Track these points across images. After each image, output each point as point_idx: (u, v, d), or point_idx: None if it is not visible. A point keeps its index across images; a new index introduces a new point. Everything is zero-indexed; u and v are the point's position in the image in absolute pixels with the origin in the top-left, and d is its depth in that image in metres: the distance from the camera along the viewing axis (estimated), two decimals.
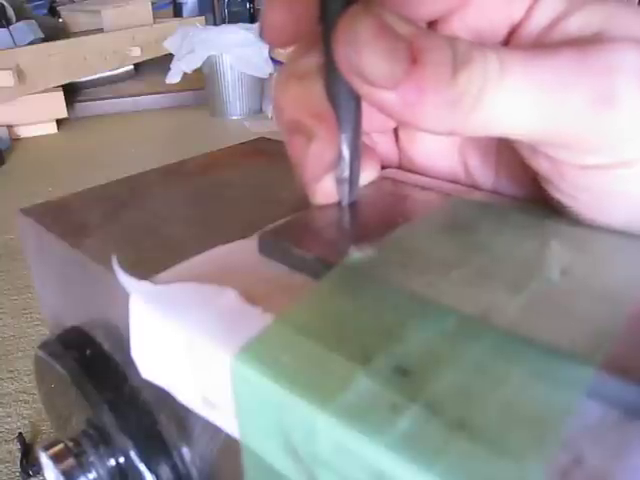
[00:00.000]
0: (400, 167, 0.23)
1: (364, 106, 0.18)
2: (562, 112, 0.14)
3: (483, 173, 0.21)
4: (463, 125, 0.14)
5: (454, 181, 0.22)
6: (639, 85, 0.14)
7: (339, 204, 0.19)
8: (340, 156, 0.18)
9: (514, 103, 0.14)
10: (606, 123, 0.14)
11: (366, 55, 0.14)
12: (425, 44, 0.14)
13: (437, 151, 0.22)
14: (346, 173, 0.18)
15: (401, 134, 0.22)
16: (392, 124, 0.22)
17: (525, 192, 0.20)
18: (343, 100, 0.17)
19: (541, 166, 0.17)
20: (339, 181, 0.19)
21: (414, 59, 0.14)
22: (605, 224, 0.17)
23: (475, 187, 0.21)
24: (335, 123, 0.18)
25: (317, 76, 0.18)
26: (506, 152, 0.20)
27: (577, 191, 0.16)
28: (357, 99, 0.17)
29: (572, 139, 0.15)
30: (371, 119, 0.19)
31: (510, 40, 0.17)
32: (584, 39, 0.15)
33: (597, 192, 0.16)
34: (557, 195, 0.17)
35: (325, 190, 0.19)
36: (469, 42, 0.14)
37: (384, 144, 0.23)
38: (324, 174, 0.19)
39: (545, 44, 0.16)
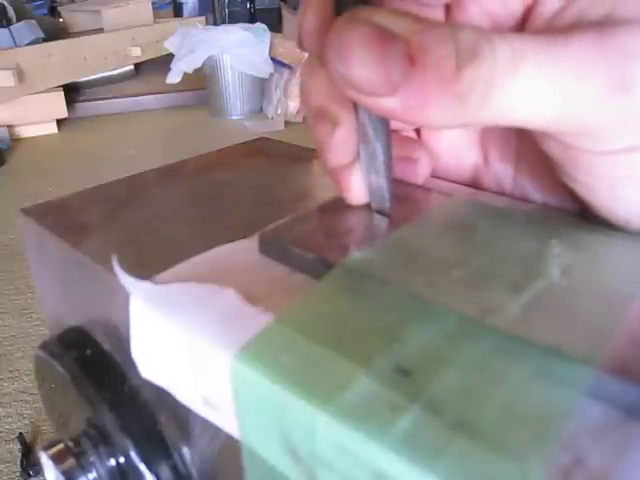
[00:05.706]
0: None
1: None
2: (577, 99, 0.14)
3: (503, 165, 0.21)
4: (475, 117, 0.14)
5: (475, 175, 0.22)
6: None
7: (343, 205, 0.19)
8: (375, 156, 0.18)
9: (528, 92, 0.14)
10: (622, 109, 0.14)
11: (356, 66, 0.13)
12: (425, 40, 0.13)
13: (459, 143, 0.22)
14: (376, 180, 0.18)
15: (422, 129, 0.22)
16: None
17: (545, 185, 0.20)
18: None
19: (554, 153, 0.16)
20: (372, 186, 0.18)
21: (412, 60, 0.13)
22: (623, 218, 0.16)
23: (496, 180, 0.21)
24: None
25: None
26: (525, 141, 0.19)
27: (591, 179, 0.16)
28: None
29: (587, 126, 0.14)
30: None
31: (526, 21, 0.17)
32: (597, 22, 0.14)
33: (612, 179, 0.16)
34: (573, 185, 0.17)
35: (356, 191, 0.19)
36: (476, 31, 0.13)
37: None
38: (349, 160, 0.18)
39: (558, 26, 0.15)
